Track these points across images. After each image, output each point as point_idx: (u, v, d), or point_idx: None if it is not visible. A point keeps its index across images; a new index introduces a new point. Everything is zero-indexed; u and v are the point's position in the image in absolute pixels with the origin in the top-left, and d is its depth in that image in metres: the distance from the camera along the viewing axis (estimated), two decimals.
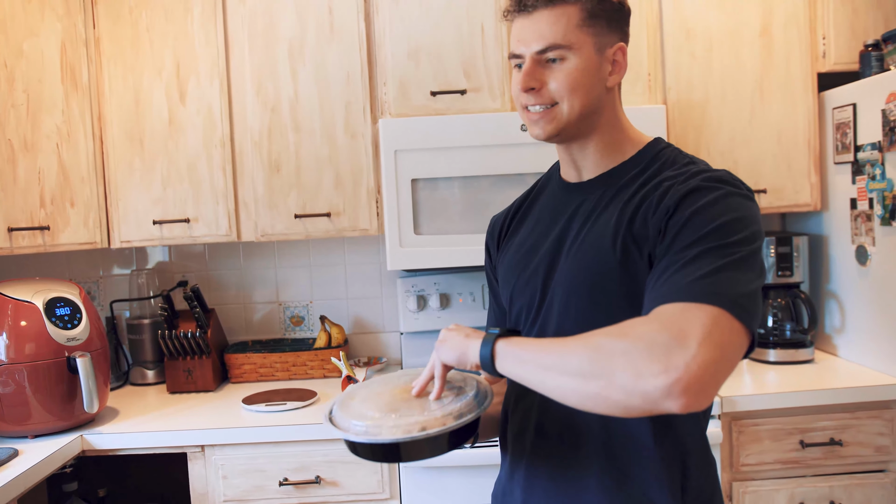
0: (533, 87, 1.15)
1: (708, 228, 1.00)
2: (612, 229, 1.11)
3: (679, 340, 0.88)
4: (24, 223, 2.30)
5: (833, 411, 2.10)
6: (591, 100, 1.15)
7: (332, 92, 2.39)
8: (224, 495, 2.09)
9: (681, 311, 0.92)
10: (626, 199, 1.13)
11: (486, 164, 2.28)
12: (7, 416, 2.02)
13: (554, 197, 1.27)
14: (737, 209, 1.03)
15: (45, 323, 2.06)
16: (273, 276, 2.80)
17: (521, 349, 1.02)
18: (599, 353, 0.92)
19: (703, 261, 0.97)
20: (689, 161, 1.15)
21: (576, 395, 0.95)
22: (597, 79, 1.15)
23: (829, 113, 2.39)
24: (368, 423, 1.09)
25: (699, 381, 0.86)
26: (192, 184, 2.41)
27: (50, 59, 2.32)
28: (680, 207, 1.04)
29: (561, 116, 1.15)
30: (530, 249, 1.25)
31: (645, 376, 0.88)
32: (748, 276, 0.97)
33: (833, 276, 2.44)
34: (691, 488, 1.11)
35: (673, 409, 0.88)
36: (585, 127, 1.17)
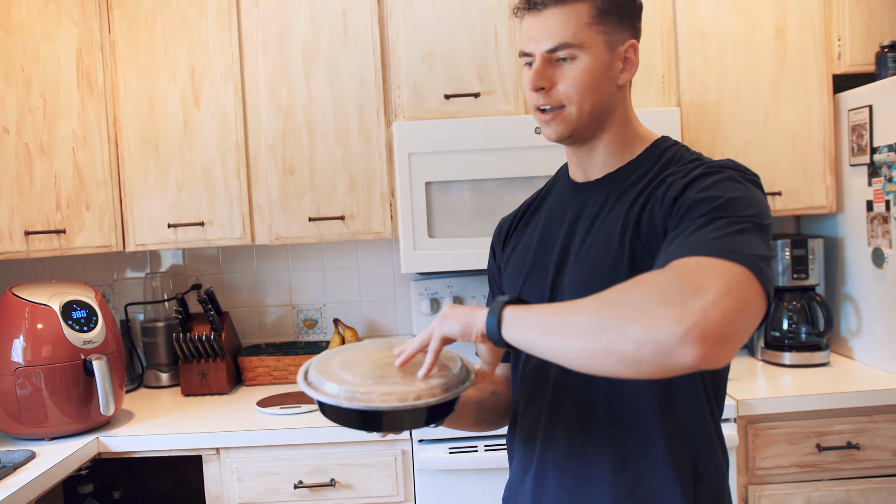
0: (543, 86, 1.13)
1: (717, 203, 0.98)
2: (619, 230, 1.10)
3: (696, 287, 0.82)
4: (40, 226, 2.31)
5: (850, 415, 2.09)
6: (602, 99, 1.14)
7: (345, 95, 2.39)
8: (239, 498, 2.10)
9: (699, 263, 0.88)
10: (633, 199, 1.12)
11: (500, 167, 2.28)
12: (24, 419, 2.03)
13: (561, 197, 1.27)
14: (743, 189, 1.02)
15: (62, 326, 2.07)
16: (286, 279, 2.81)
17: (529, 313, 0.97)
18: (610, 306, 0.87)
19: (715, 225, 0.95)
20: (695, 158, 1.15)
21: (584, 353, 0.88)
22: (607, 77, 1.14)
23: (844, 115, 2.38)
24: (349, 388, 1.04)
25: (718, 330, 0.80)
26: (206, 187, 2.42)
27: (66, 64, 2.34)
28: (686, 190, 1.04)
29: (571, 118, 1.14)
30: (537, 250, 1.24)
31: (658, 322, 0.81)
32: (760, 245, 0.94)
33: (849, 278, 2.43)
34: (703, 491, 1.10)
35: (687, 362, 0.81)
36: (597, 127, 1.17)
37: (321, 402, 1.06)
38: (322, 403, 1.07)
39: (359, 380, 1.06)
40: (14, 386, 2.02)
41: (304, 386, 1.09)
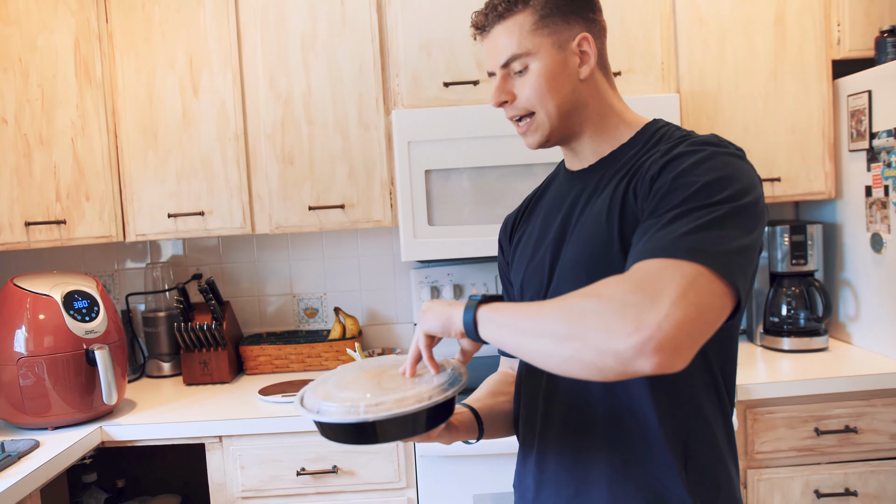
0: (504, 100, 1.18)
1: (692, 190, 0.98)
2: (606, 209, 1.11)
3: (652, 299, 0.85)
4: (40, 217, 2.32)
5: (848, 399, 2.10)
6: (566, 97, 1.16)
7: (344, 84, 2.39)
8: (242, 485, 2.11)
9: (657, 268, 0.90)
10: (621, 176, 1.13)
11: (500, 155, 2.28)
12: (27, 409, 2.04)
13: (560, 187, 1.28)
14: (722, 167, 1.01)
15: (64, 316, 2.07)
16: (287, 269, 2.82)
17: (501, 314, 1.00)
18: (573, 314, 0.90)
19: (686, 219, 0.95)
20: (682, 135, 1.14)
21: (552, 358, 0.93)
22: (565, 75, 1.15)
23: (843, 100, 2.38)
24: (337, 404, 1.07)
25: (672, 341, 0.84)
26: (206, 177, 2.42)
27: (64, 54, 2.33)
28: (663, 172, 1.04)
29: (543, 123, 1.17)
30: (538, 239, 1.26)
31: (617, 335, 0.85)
32: (734, 233, 0.94)
33: (847, 264, 2.44)
34: (696, 469, 1.10)
35: (646, 370, 0.85)
36: (573, 124, 1.18)
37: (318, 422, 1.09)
38: (320, 424, 1.09)
39: (356, 395, 1.08)
40: (17, 376, 2.03)
41: (299, 409, 1.12)
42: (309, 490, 2.11)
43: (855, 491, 2.09)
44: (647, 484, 1.10)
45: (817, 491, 2.10)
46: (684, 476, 1.09)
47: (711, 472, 1.12)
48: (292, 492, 2.12)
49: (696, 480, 1.10)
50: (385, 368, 1.17)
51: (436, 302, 1.12)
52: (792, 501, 2.10)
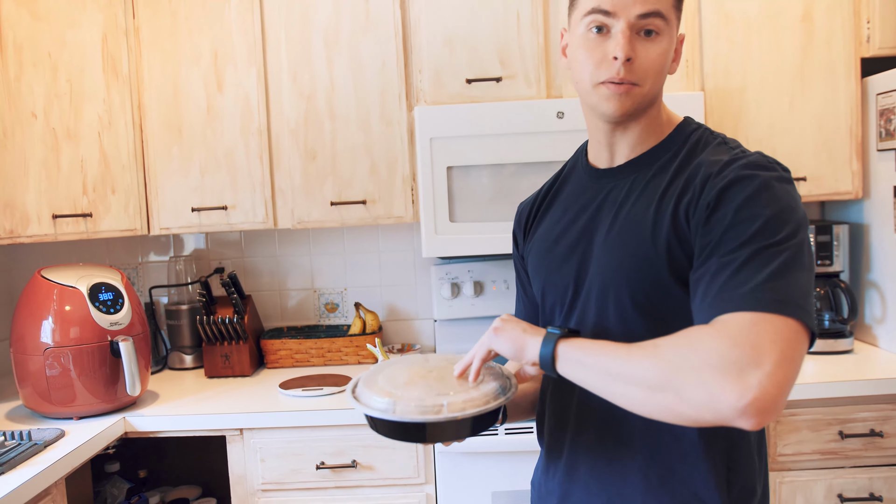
0: (631, 57, 1.07)
1: (755, 228, 0.97)
2: (651, 220, 1.08)
3: (753, 359, 0.86)
4: (67, 210, 2.35)
5: (873, 402, 2.07)
6: (662, 83, 1.14)
7: (367, 80, 2.40)
8: (262, 478, 2.13)
9: (749, 323, 0.90)
10: (663, 189, 1.09)
11: (521, 152, 2.28)
12: (53, 398, 2.07)
13: (581, 183, 1.24)
14: (779, 199, 0.99)
15: (89, 307, 2.10)
16: (308, 264, 2.83)
17: (584, 353, 1.01)
18: (669, 367, 0.91)
19: (758, 263, 0.94)
20: (720, 141, 1.12)
21: (643, 405, 0.95)
22: (668, 64, 1.13)
23: (872, 99, 2.34)
24: (393, 401, 1.09)
25: (774, 400, 0.86)
26: (229, 171, 2.44)
27: (91, 49, 2.36)
28: (721, 203, 1.00)
29: (638, 96, 1.10)
30: (560, 239, 1.22)
31: (718, 395, 0.87)
32: (804, 274, 0.95)
33: (874, 265, 2.40)
34: (737, 481, 1.09)
35: (745, 427, 0.88)
36: (644, 110, 1.15)
37: (371, 416, 1.12)
38: (371, 418, 1.12)
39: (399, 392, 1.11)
40: (43, 366, 2.06)
41: (352, 401, 1.15)
42: (328, 484, 2.12)
43: (880, 496, 2.06)
44: (682, 497, 1.08)
45: (841, 495, 2.07)
46: (725, 488, 1.08)
47: (750, 482, 1.11)
48: (312, 485, 2.13)
49: (734, 492, 1.09)
50: (432, 368, 1.19)
51: (510, 321, 1.12)
52: None
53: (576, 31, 1.13)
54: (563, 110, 2.25)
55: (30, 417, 2.16)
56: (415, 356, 1.28)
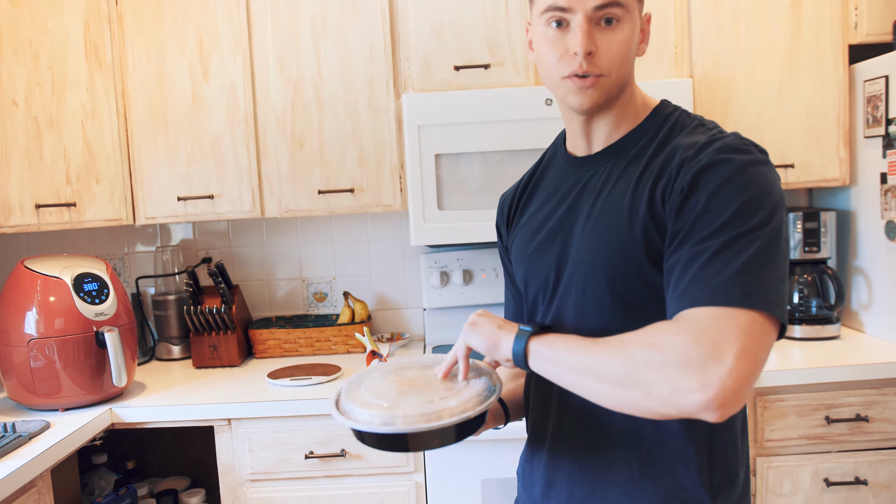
0: (592, 51, 1.06)
1: (727, 215, 0.96)
2: (627, 207, 1.07)
3: (714, 355, 0.88)
4: (50, 200, 2.32)
5: (859, 387, 2.09)
6: (630, 69, 1.12)
7: (354, 67, 2.38)
8: (251, 468, 2.12)
9: (712, 319, 0.91)
10: (639, 174, 1.08)
11: (510, 139, 2.27)
12: (38, 390, 2.06)
13: (561, 172, 1.23)
14: (753, 183, 0.98)
15: (74, 298, 2.08)
16: (296, 253, 2.81)
17: (554, 350, 1.02)
18: (635, 365, 0.93)
19: (727, 254, 0.94)
20: (697, 124, 1.11)
21: (612, 399, 0.97)
22: (634, 47, 1.12)
23: (859, 86, 2.35)
24: (376, 412, 1.07)
25: (735, 394, 0.88)
26: (215, 160, 2.41)
27: (74, 37, 2.33)
28: (695, 188, 0.99)
29: (606, 87, 1.09)
30: (540, 229, 1.21)
31: (682, 391, 0.89)
32: (775, 264, 0.95)
33: (861, 251, 2.41)
34: (719, 467, 1.10)
35: (709, 419, 0.90)
36: (615, 98, 1.13)
37: (358, 430, 1.10)
38: (358, 431, 1.10)
39: (380, 402, 1.10)
40: (28, 358, 2.04)
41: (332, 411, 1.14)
42: (317, 473, 2.12)
43: (865, 480, 2.08)
44: (664, 484, 1.08)
45: (827, 479, 2.09)
46: (707, 473, 1.08)
47: (732, 467, 1.11)
48: (301, 475, 2.12)
49: (716, 478, 1.09)
50: (419, 374, 1.18)
51: (485, 316, 1.12)
52: (801, 489, 2.10)
53: (537, 27, 1.12)
54: (551, 97, 2.24)
55: (15, 409, 2.14)
56: (384, 366, 1.25)
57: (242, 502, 2.14)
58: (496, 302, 2.62)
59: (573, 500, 1.15)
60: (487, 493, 2.11)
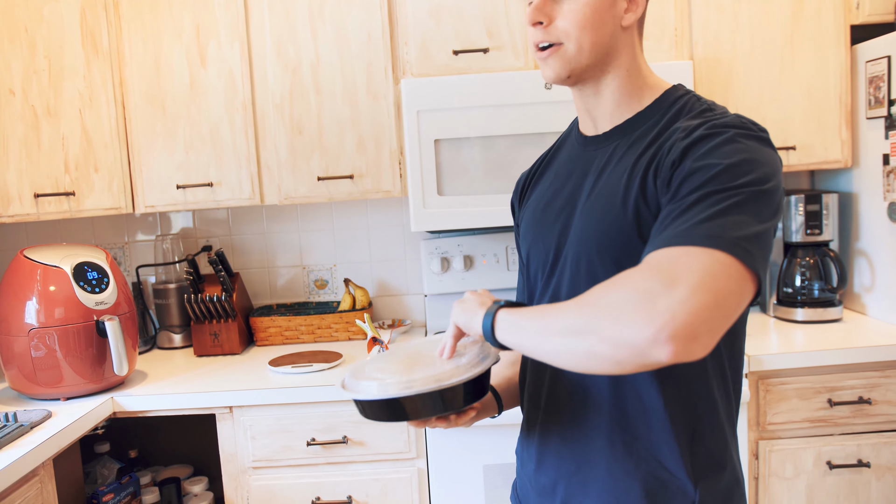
0: (541, 21, 1.09)
1: (712, 173, 0.94)
2: (623, 186, 1.06)
3: (666, 286, 0.82)
4: (49, 189, 2.31)
5: (862, 370, 2.08)
6: (603, 38, 1.09)
7: (352, 52, 2.36)
8: (253, 455, 2.12)
9: (674, 255, 0.87)
10: (639, 153, 1.08)
11: (510, 124, 2.25)
12: (40, 379, 2.06)
13: (571, 151, 1.24)
14: (744, 151, 0.97)
15: (74, 287, 2.08)
16: (296, 240, 2.81)
17: (519, 317, 1.00)
18: (588, 308, 0.89)
19: (704, 203, 0.92)
20: (705, 108, 1.09)
21: (569, 355, 0.91)
22: (610, 15, 1.09)
23: (861, 66, 2.33)
24: (377, 383, 1.10)
25: (687, 328, 0.81)
26: (214, 148, 2.40)
27: (70, 24, 2.31)
28: (684, 158, 0.99)
29: (569, 56, 1.09)
30: (546, 206, 1.22)
31: (630, 325, 0.83)
32: (753, 219, 0.92)
33: (863, 233, 2.40)
34: (702, 452, 1.09)
35: (662, 360, 0.83)
36: (599, 68, 1.12)
37: (356, 400, 1.12)
38: (358, 402, 1.13)
39: (381, 375, 1.12)
40: (29, 347, 2.04)
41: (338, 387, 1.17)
42: (319, 460, 2.12)
43: (868, 462, 2.08)
44: (647, 465, 1.08)
45: (829, 462, 2.09)
46: (688, 459, 1.07)
47: (717, 454, 1.10)
48: (303, 462, 2.12)
49: (700, 463, 1.08)
50: (422, 351, 1.20)
51: (475, 294, 1.11)
52: (804, 472, 2.10)
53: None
54: None
55: (16, 399, 2.15)
56: (412, 343, 1.29)
57: (245, 490, 2.14)
58: (497, 287, 2.61)
59: (560, 477, 1.16)
60: (490, 478, 2.11)
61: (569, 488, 1.15)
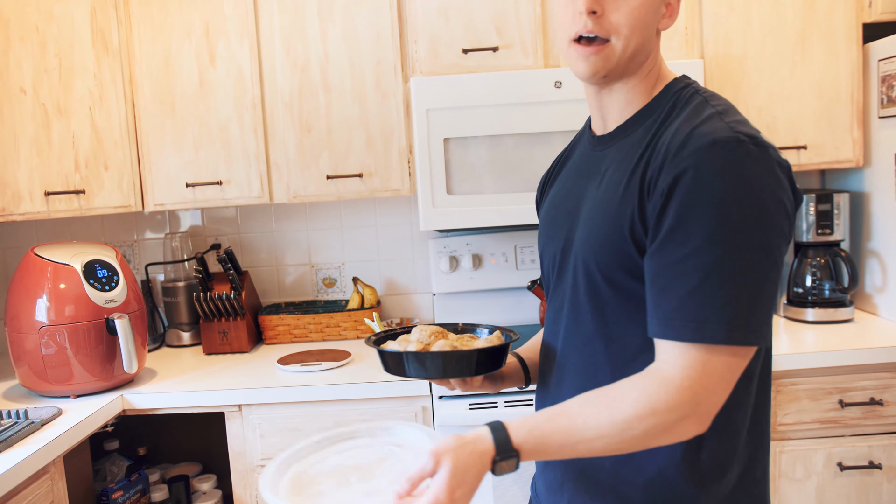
0: (596, 10, 1.04)
1: (707, 229, 0.94)
2: (621, 194, 1.05)
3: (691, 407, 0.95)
4: (59, 187, 2.32)
5: (873, 371, 2.07)
6: (646, 40, 1.08)
7: (361, 51, 2.36)
8: (262, 453, 2.12)
9: (680, 365, 0.95)
10: (636, 160, 1.05)
11: (519, 123, 2.25)
12: (50, 377, 2.06)
13: (583, 150, 1.23)
14: (738, 185, 0.94)
15: (84, 285, 2.08)
16: (305, 239, 2.81)
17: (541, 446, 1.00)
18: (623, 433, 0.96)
19: (701, 274, 0.94)
20: (700, 101, 1.06)
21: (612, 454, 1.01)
22: (654, 18, 1.07)
23: (873, 65, 2.31)
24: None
25: (711, 417, 0.97)
26: (223, 146, 2.40)
27: (80, 23, 2.32)
28: (673, 194, 0.96)
29: (613, 55, 1.06)
30: (557, 207, 1.22)
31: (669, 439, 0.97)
32: (742, 281, 0.93)
33: (874, 233, 2.38)
34: (705, 458, 1.07)
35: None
36: (630, 70, 1.10)
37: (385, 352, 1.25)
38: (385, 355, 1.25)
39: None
40: (39, 345, 2.04)
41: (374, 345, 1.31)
42: None
43: (879, 464, 2.06)
44: (649, 471, 1.08)
45: (840, 463, 2.07)
46: (690, 465, 1.06)
47: (724, 458, 1.08)
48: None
49: (703, 469, 1.07)
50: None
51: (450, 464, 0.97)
52: (814, 474, 2.08)
53: None
54: (561, 80, 2.22)
55: (27, 396, 2.15)
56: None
57: (253, 487, 2.14)
58: (504, 287, 2.61)
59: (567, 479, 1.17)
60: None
61: (576, 489, 1.15)
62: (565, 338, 1.16)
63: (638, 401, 0.96)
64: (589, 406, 0.99)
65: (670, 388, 0.95)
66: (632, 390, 0.97)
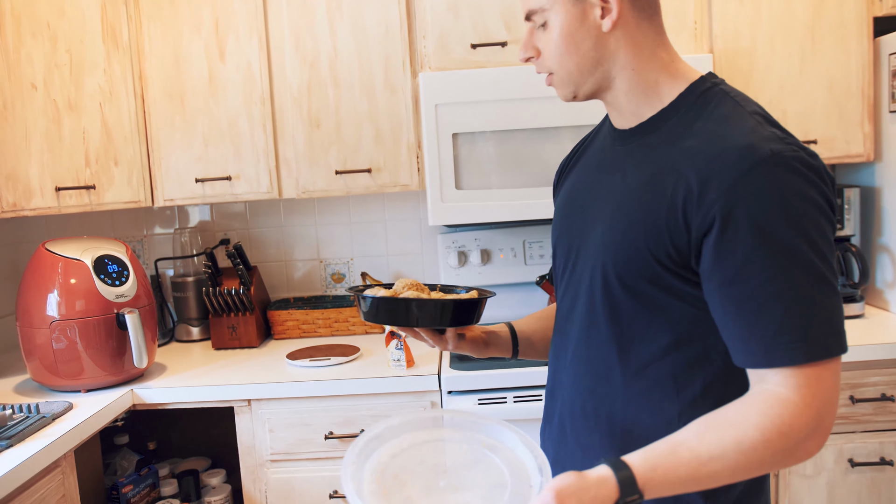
0: (530, 56, 1.14)
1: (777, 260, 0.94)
2: (648, 202, 1.03)
3: (815, 424, 0.96)
4: (70, 182, 2.33)
5: (885, 367, 2.06)
6: (586, 53, 1.07)
7: (370, 46, 2.36)
8: (271, 448, 2.13)
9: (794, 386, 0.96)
10: (661, 165, 1.04)
11: (528, 118, 2.24)
12: (61, 371, 2.07)
13: (603, 143, 1.21)
14: (794, 212, 0.95)
15: (95, 280, 2.09)
16: (314, 234, 2.81)
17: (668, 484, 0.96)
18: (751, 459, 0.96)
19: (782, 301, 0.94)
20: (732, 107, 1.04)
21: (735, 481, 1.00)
22: (584, 31, 1.06)
23: (884, 59, 2.29)
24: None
25: (830, 431, 0.99)
26: (232, 141, 2.41)
27: (91, 19, 2.32)
28: (728, 224, 0.96)
29: (563, 81, 1.12)
30: (573, 199, 1.21)
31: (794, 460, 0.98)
32: (823, 297, 0.95)
33: (886, 228, 2.37)
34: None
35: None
36: (600, 79, 1.10)
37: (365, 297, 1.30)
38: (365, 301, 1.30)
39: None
40: (50, 339, 2.05)
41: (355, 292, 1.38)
42: (337, 454, 2.13)
43: (891, 460, 2.05)
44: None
45: (851, 459, 2.06)
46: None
47: None
48: (320, 455, 2.13)
49: None
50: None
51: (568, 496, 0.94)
52: (825, 470, 2.08)
53: None
54: None
55: (38, 391, 2.17)
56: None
57: (263, 482, 2.15)
58: (513, 282, 2.61)
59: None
60: None
61: None
62: (578, 337, 1.16)
63: (762, 424, 0.95)
64: (709, 434, 0.96)
65: (792, 410, 0.96)
66: (754, 415, 0.96)
